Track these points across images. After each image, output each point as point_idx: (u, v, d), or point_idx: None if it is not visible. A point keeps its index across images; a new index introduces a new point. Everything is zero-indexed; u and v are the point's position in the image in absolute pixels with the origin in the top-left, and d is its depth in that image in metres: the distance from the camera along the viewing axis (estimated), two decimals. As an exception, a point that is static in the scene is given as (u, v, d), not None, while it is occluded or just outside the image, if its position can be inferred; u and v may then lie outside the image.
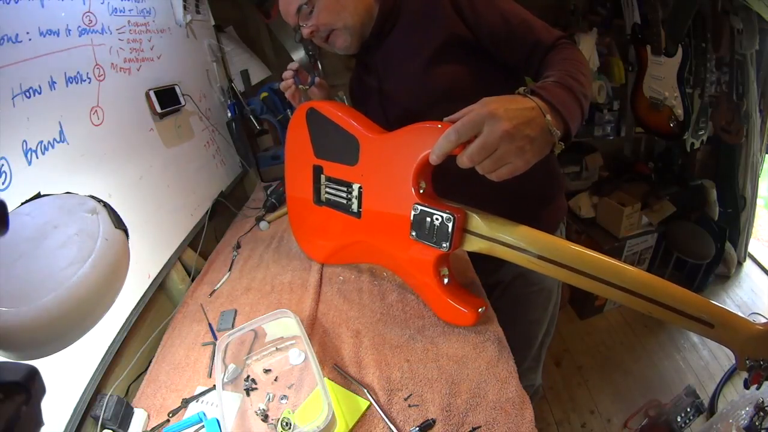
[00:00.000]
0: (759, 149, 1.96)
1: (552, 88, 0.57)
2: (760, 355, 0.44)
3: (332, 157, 0.77)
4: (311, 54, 0.93)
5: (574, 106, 0.58)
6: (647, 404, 1.58)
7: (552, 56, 0.70)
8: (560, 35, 0.73)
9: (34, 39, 0.60)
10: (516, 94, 0.55)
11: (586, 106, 0.62)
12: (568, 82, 0.60)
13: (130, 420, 0.58)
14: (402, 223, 0.65)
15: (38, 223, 0.48)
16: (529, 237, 0.54)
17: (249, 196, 1.44)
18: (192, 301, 0.86)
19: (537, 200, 0.92)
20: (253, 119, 1.39)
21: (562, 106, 0.55)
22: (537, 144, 0.51)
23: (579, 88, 0.60)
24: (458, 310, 0.64)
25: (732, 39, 1.73)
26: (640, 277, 0.48)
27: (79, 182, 0.65)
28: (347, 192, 0.75)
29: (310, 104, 0.79)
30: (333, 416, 0.49)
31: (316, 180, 0.81)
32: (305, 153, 0.82)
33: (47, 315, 0.43)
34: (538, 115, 0.52)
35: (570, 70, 0.63)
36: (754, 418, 1.13)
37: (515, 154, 0.50)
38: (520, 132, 0.50)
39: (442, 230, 0.59)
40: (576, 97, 0.59)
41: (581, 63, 0.67)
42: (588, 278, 0.51)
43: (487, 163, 0.51)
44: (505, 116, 0.49)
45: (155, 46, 0.99)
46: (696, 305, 0.46)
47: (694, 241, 2.04)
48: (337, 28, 0.82)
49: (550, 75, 0.62)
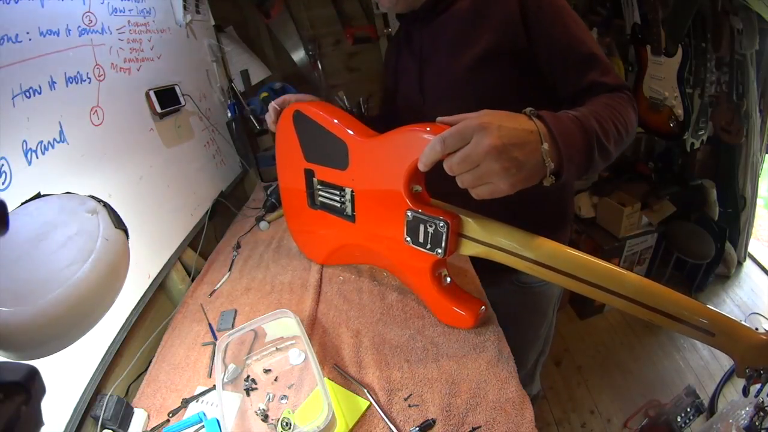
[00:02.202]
0: (759, 149, 1.96)
1: (564, 119, 0.52)
2: (760, 364, 0.44)
3: (322, 161, 0.74)
4: (311, 54, 0.93)
5: (579, 149, 0.52)
6: (647, 404, 1.58)
7: (600, 98, 0.63)
8: (624, 84, 0.67)
9: (34, 39, 0.60)
10: (521, 113, 0.50)
11: (599, 160, 0.55)
12: (589, 123, 0.53)
13: (130, 420, 0.58)
14: (396, 229, 0.63)
15: (38, 223, 0.48)
16: (525, 241, 0.52)
17: (249, 196, 1.44)
18: (192, 301, 0.86)
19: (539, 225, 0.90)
20: (253, 119, 1.39)
21: (564, 140, 0.49)
22: (525, 170, 0.47)
23: (598, 135, 0.53)
24: (457, 313, 0.63)
25: (732, 39, 1.73)
26: (639, 283, 0.47)
27: (79, 182, 0.65)
28: (340, 196, 0.73)
29: (295, 106, 0.76)
30: (333, 416, 0.49)
31: (309, 184, 0.79)
32: (296, 157, 0.79)
33: (47, 315, 0.43)
34: (535, 140, 0.47)
35: (603, 114, 0.56)
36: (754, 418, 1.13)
37: (498, 175, 0.46)
38: (508, 152, 0.45)
39: (436, 237, 0.58)
40: (588, 140, 0.52)
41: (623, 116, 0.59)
42: (586, 285, 0.49)
43: (467, 177, 0.47)
44: (497, 132, 0.45)
45: (155, 46, 0.99)
46: (697, 313, 0.45)
47: (694, 241, 2.04)
48: None
49: (577, 109, 0.56)
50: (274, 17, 1.75)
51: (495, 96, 0.73)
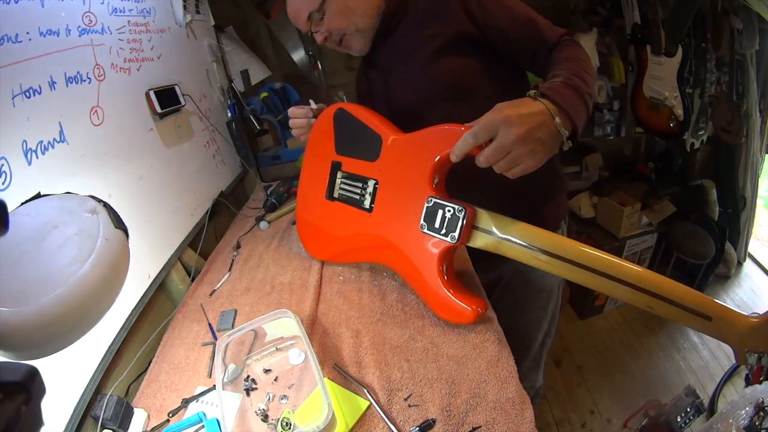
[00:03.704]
0: (759, 149, 1.96)
1: (560, 88, 0.60)
2: (760, 347, 0.45)
3: (353, 154, 0.82)
4: (311, 54, 0.94)
5: (580, 106, 0.61)
6: (647, 404, 1.58)
7: (557, 54, 0.73)
8: (563, 32, 0.76)
9: (34, 39, 0.60)
10: (527, 98, 0.58)
11: (591, 104, 0.65)
12: (575, 82, 0.63)
13: (130, 420, 0.59)
14: (413, 216, 0.68)
15: (38, 223, 0.48)
16: (534, 234, 0.58)
17: (249, 196, 1.44)
18: (192, 301, 0.86)
19: (540, 198, 0.93)
20: (253, 119, 1.39)
21: (569, 106, 0.58)
22: (547, 145, 0.56)
23: (584, 88, 0.63)
24: (458, 307, 0.64)
25: (732, 39, 1.73)
26: (641, 271, 0.51)
27: (79, 182, 0.65)
28: (362, 187, 0.79)
29: (339, 105, 0.85)
30: (333, 416, 0.49)
31: (332, 176, 0.86)
32: (326, 150, 0.86)
33: (47, 315, 0.43)
34: (548, 118, 0.56)
35: (575, 69, 0.66)
36: (754, 418, 1.13)
37: (527, 155, 0.54)
38: (532, 135, 0.54)
39: (452, 222, 0.63)
40: (582, 96, 0.62)
41: (585, 61, 0.70)
42: (591, 273, 0.53)
43: (502, 164, 0.55)
44: (519, 122, 0.53)
45: (155, 46, 0.99)
46: (694, 299, 0.49)
47: (694, 241, 2.04)
48: (348, 32, 0.83)
49: (556, 75, 0.65)
50: (274, 17, 1.75)
51: (462, 80, 0.81)
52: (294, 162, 1.45)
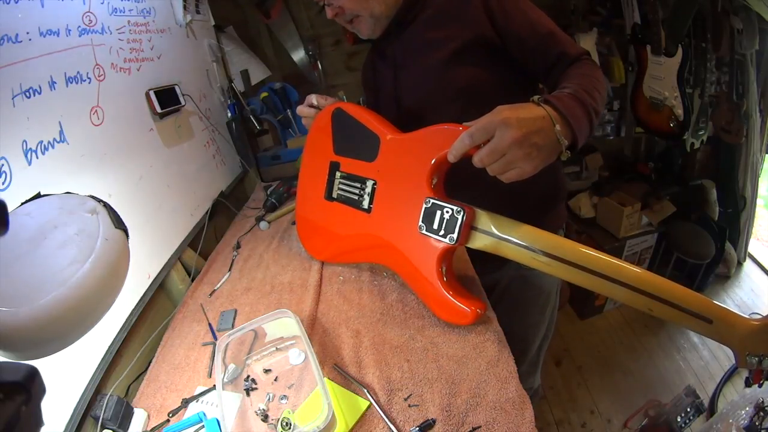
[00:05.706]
0: (759, 149, 1.96)
1: (565, 99, 0.59)
2: (760, 350, 0.45)
3: (351, 154, 0.81)
4: (311, 54, 0.94)
5: (583, 119, 0.60)
6: (647, 404, 1.58)
7: (572, 69, 0.72)
8: (584, 51, 0.75)
9: (34, 39, 0.60)
10: (530, 102, 0.57)
11: (596, 121, 0.64)
12: (582, 96, 0.61)
13: (130, 420, 0.59)
14: (411, 217, 0.67)
15: (38, 223, 0.48)
16: (533, 235, 0.57)
17: (249, 196, 1.44)
18: (192, 301, 0.86)
19: (539, 205, 0.92)
20: (253, 119, 1.39)
21: (572, 117, 0.57)
22: (544, 151, 0.54)
23: (591, 103, 0.62)
24: (457, 308, 0.64)
25: (732, 39, 1.73)
26: (641, 272, 0.51)
27: (79, 182, 0.65)
28: (360, 188, 0.79)
29: (337, 104, 0.84)
30: (333, 416, 0.49)
31: (330, 176, 0.85)
32: (325, 150, 0.86)
33: (47, 315, 0.43)
34: (548, 124, 0.55)
35: (586, 84, 0.65)
36: (754, 418, 1.13)
37: (523, 159, 0.53)
38: (529, 140, 0.52)
39: (451, 223, 0.62)
40: (587, 110, 0.61)
41: (599, 80, 0.69)
42: (590, 274, 0.53)
43: (496, 166, 0.54)
44: (516, 124, 0.52)
45: (155, 46, 0.99)
46: (695, 301, 0.48)
47: (694, 241, 2.04)
48: (362, 15, 0.81)
49: (566, 87, 0.64)
50: (274, 17, 1.75)
51: (474, 88, 0.80)
52: (294, 162, 1.45)
